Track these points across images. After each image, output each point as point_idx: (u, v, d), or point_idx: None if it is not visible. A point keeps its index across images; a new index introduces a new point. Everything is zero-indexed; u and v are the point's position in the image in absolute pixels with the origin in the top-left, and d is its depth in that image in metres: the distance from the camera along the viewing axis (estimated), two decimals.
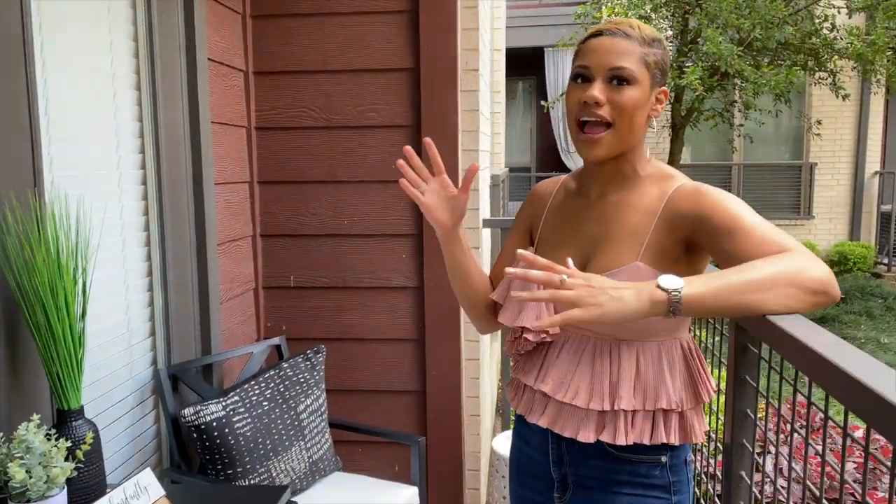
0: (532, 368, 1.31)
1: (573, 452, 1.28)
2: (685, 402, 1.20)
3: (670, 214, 1.20)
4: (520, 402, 1.35)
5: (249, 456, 2.11)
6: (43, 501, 1.40)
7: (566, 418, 1.25)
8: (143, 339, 2.13)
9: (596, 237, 1.26)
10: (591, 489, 1.27)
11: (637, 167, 1.26)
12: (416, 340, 2.82)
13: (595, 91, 1.20)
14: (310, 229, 2.82)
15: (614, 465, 1.24)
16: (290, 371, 2.33)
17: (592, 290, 1.06)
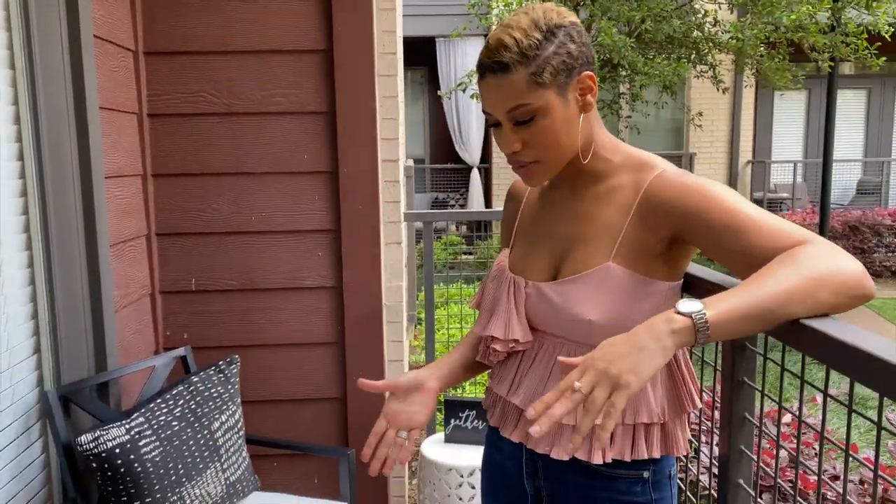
0: (505, 378, 1.20)
1: (548, 466, 1.18)
2: (667, 414, 1.11)
3: (648, 209, 1.10)
4: (493, 413, 1.23)
5: (160, 484, 1.86)
6: None
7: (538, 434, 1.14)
8: (26, 358, 1.84)
9: (568, 237, 1.16)
10: None
11: (602, 160, 1.15)
12: (336, 344, 2.63)
13: (507, 140, 1.10)
14: (213, 226, 2.57)
15: (591, 482, 1.15)
16: (201, 385, 2.10)
17: (608, 368, 0.90)
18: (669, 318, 0.92)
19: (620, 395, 0.88)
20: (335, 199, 2.54)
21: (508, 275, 1.21)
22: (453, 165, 10.83)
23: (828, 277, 0.92)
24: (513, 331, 1.16)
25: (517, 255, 1.23)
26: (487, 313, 1.22)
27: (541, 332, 1.17)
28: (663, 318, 0.92)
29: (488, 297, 1.23)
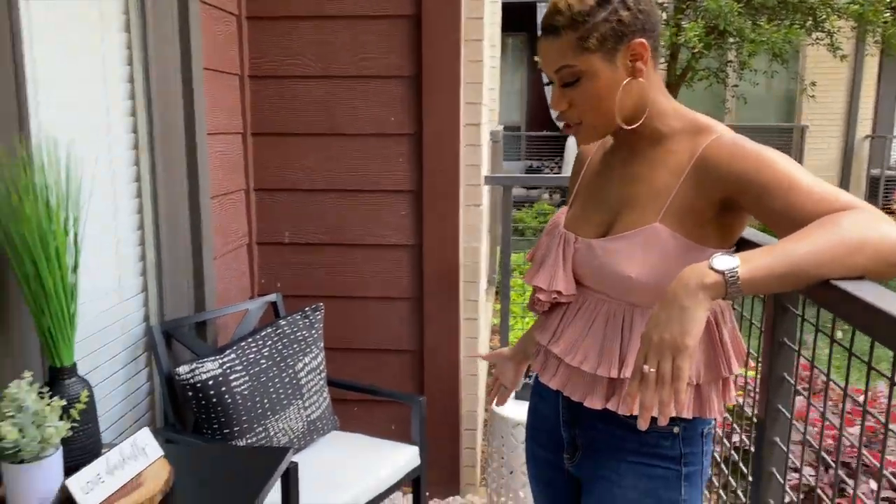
0: (548, 328, 1.27)
1: (582, 416, 1.24)
2: (702, 376, 1.14)
3: (701, 172, 1.12)
4: (536, 359, 1.31)
5: (247, 415, 2.05)
6: (37, 462, 1.33)
7: (576, 382, 1.21)
8: (134, 295, 2.05)
9: (622, 198, 1.20)
10: (598, 453, 1.23)
11: (658, 125, 1.18)
12: (414, 299, 2.76)
13: (555, 100, 1.17)
14: (305, 184, 2.73)
15: (621, 432, 1.20)
16: (287, 329, 2.27)
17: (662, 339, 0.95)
18: (701, 274, 0.95)
19: (682, 359, 0.94)
20: (418, 161, 2.64)
21: (561, 230, 1.26)
22: (549, 133, 10.73)
23: (866, 243, 0.93)
24: (557, 283, 1.21)
25: (573, 213, 1.28)
26: (537, 265, 1.28)
27: (585, 287, 1.22)
28: (696, 274, 0.95)
29: (541, 251, 1.30)
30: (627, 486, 1.18)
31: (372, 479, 2.08)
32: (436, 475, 2.83)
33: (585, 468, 1.25)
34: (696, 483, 1.19)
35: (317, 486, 2.00)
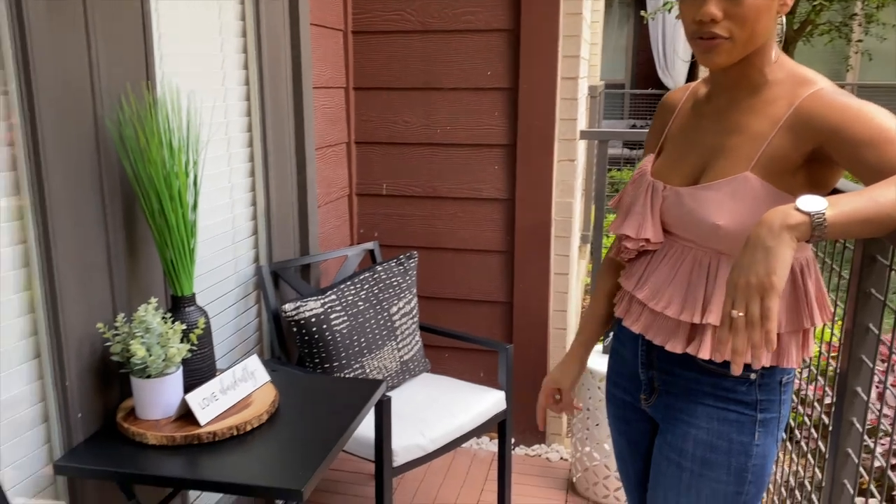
0: (634, 274, 1.30)
1: (661, 358, 1.27)
2: (783, 325, 1.14)
3: (798, 123, 1.11)
4: (620, 305, 1.34)
5: (345, 352, 2.19)
6: (161, 378, 1.50)
7: (658, 327, 1.24)
8: (246, 237, 2.22)
9: (715, 146, 1.19)
10: (674, 395, 1.26)
11: (765, 71, 1.16)
12: (506, 252, 2.82)
13: (710, 7, 1.09)
14: (403, 137, 2.82)
15: (698, 376, 1.22)
16: (383, 274, 2.38)
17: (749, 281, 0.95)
18: (786, 214, 0.95)
19: (770, 299, 0.94)
20: (513, 115, 2.67)
21: (648, 179, 1.28)
22: (654, 91, 10.39)
23: None
24: (645, 231, 1.24)
25: (662, 162, 1.29)
26: (623, 214, 1.30)
27: (672, 235, 1.23)
28: (780, 214, 0.95)
29: (626, 199, 1.31)
30: (701, 427, 1.21)
31: (460, 418, 2.18)
32: (522, 424, 2.91)
33: (661, 409, 1.29)
34: (771, 430, 1.21)
35: (407, 422, 2.12)
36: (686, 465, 1.23)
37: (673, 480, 1.24)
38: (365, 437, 2.07)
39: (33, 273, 1.38)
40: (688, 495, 1.22)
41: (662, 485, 1.27)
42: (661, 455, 1.27)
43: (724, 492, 1.20)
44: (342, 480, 2.70)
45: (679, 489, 1.24)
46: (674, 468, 1.24)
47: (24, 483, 1.40)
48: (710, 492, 1.21)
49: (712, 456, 1.20)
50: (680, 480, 1.23)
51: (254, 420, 1.54)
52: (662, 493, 1.26)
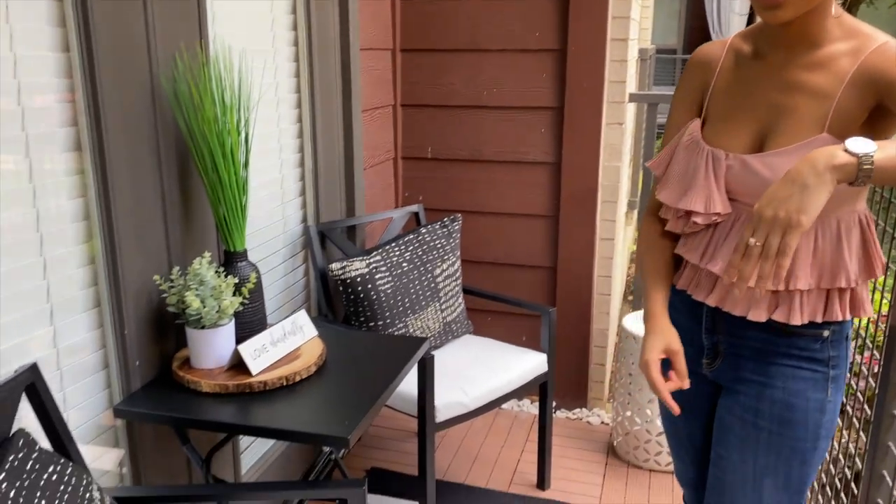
0: (697, 247, 1.25)
1: (730, 323, 1.25)
2: (859, 279, 1.14)
3: (863, 78, 1.08)
4: (681, 277, 1.31)
5: (389, 311, 2.23)
6: (214, 329, 1.56)
7: (735, 298, 1.21)
8: (294, 198, 2.26)
9: (777, 107, 1.16)
10: (743, 358, 1.25)
11: (826, 26, 1.13)
12: (551, 217, 2.81)
13: None
14: (449, 100, 2.82)
15: (772, 337, 1.21)
16: (428, 237, 2.41)
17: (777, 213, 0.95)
18: (833, 154, 0.94)
19: (793, 235, 0.95)
20: (561, 77, 2.65)
21: (705, 147, 1.22)
22: None
23: None
24: (714, 204, 1.19)
25: (713, 127, 1.24)
26: (679, 185, 1.24)
27: (739, 203, 1.19)
28: (826, 154, 0.95)
29: (678, 167, 1.26)
30: (776, 386, 1.20)
31: (501, 378, 2.21)
32: (564, 388, 2.93)
33: (728, 372, 1.27)
34: (840, 386, 1.21)
35: (449, 380, 2.16)
36: (763, 425, 1.22)
37: (749, 441, 1.23)
38: (408, 394, 2.12)
39: (94, 225, 1.44)
40: (767, 455, 1.22)
41: (736, 446, 1.25)
42: (733, 416, 1.26)
43: (803, 449, 1.20)
44: (385, 437, 2.77)
45: (757, 449, 1.23)
46: (749, 428, 1.23)
47: (86, 426, 1.48)
48: (789, 451, 1.21)
49: (790, 415, 1.20)
50: (758, 441, 1.23)
51: (302, 371, 1.59)
52: (737, 454, 1.25)
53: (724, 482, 1.27)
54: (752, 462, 1.23)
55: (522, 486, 2.46)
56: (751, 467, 1.24)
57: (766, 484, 1.23)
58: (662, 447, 2.50)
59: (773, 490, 1.22)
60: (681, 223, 1.27)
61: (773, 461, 1.22)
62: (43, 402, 1.26)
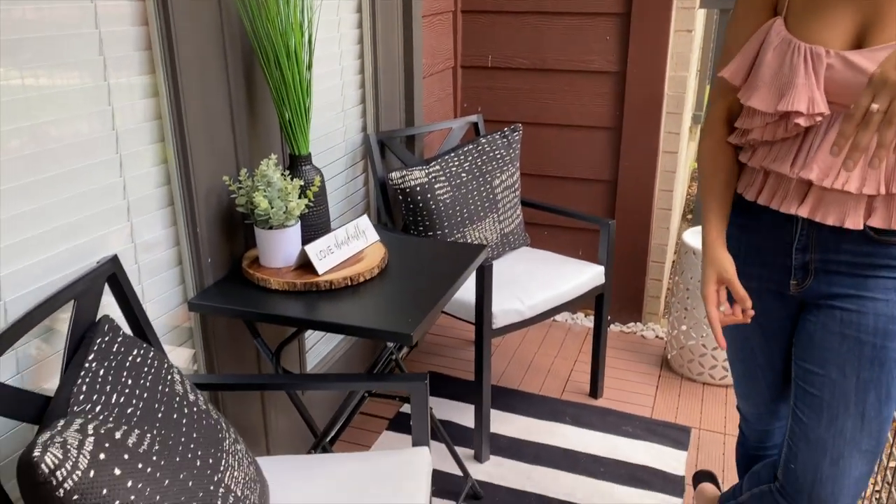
0: (786, 154, 1.18)
1: (824, 238, 1.20)
2: None
3: None
4: (760, 192, 1.25)
5: (448, 221, 2.25)
6: (282, 229, 1.60)
7: (829, 205, 1.15)
8: (354, 105, 2.26)
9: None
10: (837, 274, 1.20)
11: None
12: (613, 129, 2.75)
13: None
14: (510, 6, 2.73)
15: (870, 249, 1.16)
16: (487, 147, 2.39)
17: None
18: None
19: None
20: None
21: (801, 45, 1.14)
22: None
23: None
24: (816, 105, 1.12)
25: (800, 23, 1.15)
26: (773, 88, 1.16)
27: (834, 105, 1.13)
28: None
29: (768, 70, 1.17)
30: (879, 299, 1.17)
31: (558, 288, 2.22)
32: (619, 302, 2.94)
33: (819, 290, 1.23)
34: None
35: (506, 289, 2.18)
36: (867, 339, 1.19)
37: (851, 356, 1.20)
38: (467, 301, 2.15)
39: (165, 125, 1.47)
40: (870, 369, 1.19)
41: (835, 362, 1.22)
42: (831, 333, 1.22)
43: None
44: (443, 344, 2.84)
45: (860, 363, 1.20)
46: (852, 343, 1.20)
47: (162, 318, 1.55)
48: (893, 363, 1.18)
49: (894, 327, 1.17)
50: (861, 355, 1.19)
51: (366, 273, 1.63)
52: (837, 369, 1.21)
53: (823, 399, 1.23)
54: (854, 377, 1.20)
55: (575, 393, 2.51)
56: (853, 383, 1.20)
57: (870, 398, 1.20)
58: (717, 361, 2.50)
59: (877, 402, 1.20)
60: (771, 129, 1.19)
61: (877, 374, 1.19)
62: (124, 292, 1.32)
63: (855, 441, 1.21)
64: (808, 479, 1.25)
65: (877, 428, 1.21)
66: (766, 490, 1.35)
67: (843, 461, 1.22)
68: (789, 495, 1.28)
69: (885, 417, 1.21)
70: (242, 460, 1.22)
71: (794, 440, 1.27)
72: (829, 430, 1.22)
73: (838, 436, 1.22)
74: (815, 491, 1.25)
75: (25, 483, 0.86)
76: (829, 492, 1.23)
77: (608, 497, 2.01)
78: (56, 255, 1.27)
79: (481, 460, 2.15)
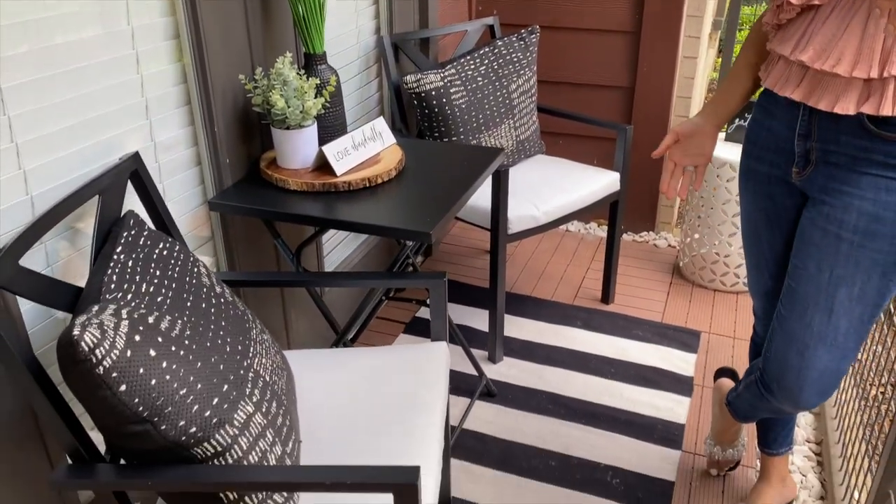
0: (790, 38, 1.19)
1: (825, 127, 1.20)
2: None
3: None
4: (769, 75, 1.26)
5: (463, 127, 2.23)
6: (299, 129, 1.59)
7: (824, 89, 1.16)
8: (368, 6, 2.20)
9: None
10: (835, 166, 1.21)
11: None
12: (632, 33, 2.68)
13: None
14: None
15: (868, 143, 1.16)
16: (504, 49, 2.34)
17: None
18: None
19: None
20: None
21: None
22: None
23: None
24: None
25: None
26: None
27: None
28: None
29: None
30: (866, 197, 1.18)
31: (573, 195, 2.22)
32: (632, 211, 2.94)
33: (817, 181, 1.25)
34: None
35: (521, 196, 2.18)
36: (846, 237, 1.20)
37: (829, 251, 1.22)
38: (482, 207, 2.16)
39: (180, 20, 1.45)
40: (845, 266, 1.21)
41: (815, 256, 1.25)
42: (816, 227, 1.24)
43: (884, 262, 1.19)
44: (457, 253, 2.87)
45: (836, 260, 1.22)
46: (831, 239, 1.22)
47: (183, 217, 1.57)
48: (869, 262, 1.19)
49: (876, 227, 1.18)
50: (838, 251, 1.21)
51: (383, 174, 1.63)
52: (815, 263, 1.24)
53: (798, 292, 1.28)
54: (828, 272, 1.23)
55: (587, 299, 2.55)
56: (827, 277, 1.23)
57: (840, 293, 1.23)
58: (729, 268, 2.52)
59: (847, 300, 1.23)
60: (775, 13, 1.22)
61: (851, 272, 1.21)
62: (146, 189, 1.34)
63: (822, 335, 1.26)
64: (777, 368, 1.32)
65: (845, 325, 1.24)
66: (752, 380, 1.45)
67: (808, 352, 1.27)
68: (765, 384, 1.37)
69: (857, 317, 1.24)
70: (269, 349, 1.26)
71: (773, 331, 1.34)
72: (800, 321, 1.27)
73: (806, 328, 1.27)
74: (782, 380, 1.32)
75: (66, 361, 0.90)
76: (794, 381, 1.30)
77: (617, 395, 2.07)
78: (79, 152, 1.28)
79: (495, 361, 2.21)
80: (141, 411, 0.93)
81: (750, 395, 1.47)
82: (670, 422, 1.97)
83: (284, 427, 1.15)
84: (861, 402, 1.75)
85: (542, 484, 1.77)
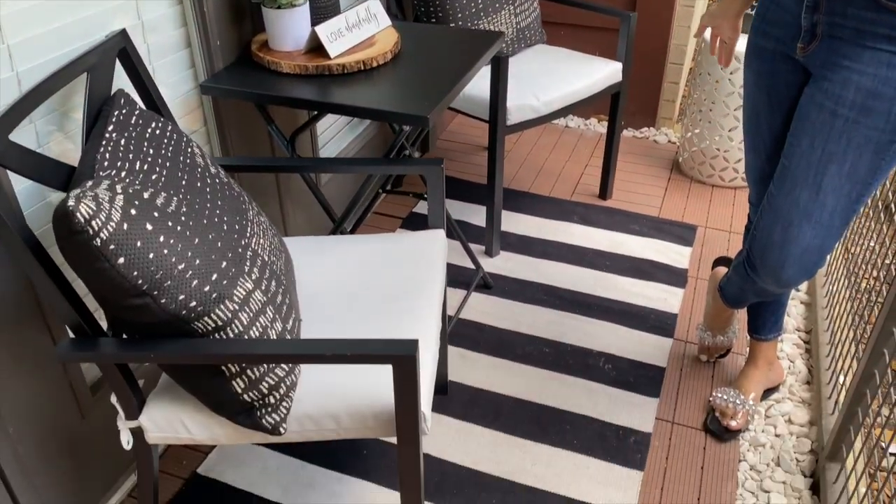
0: None
1: (832, 1, 1.17)
2: None
3: None
4: None
5: (462, 12, 2.15)
6: (291, 9, 1.54)
7: None
8: None
9: None
10: (839, 40, 1.18)
11: None
12: None
13: None
14: None
15: (875, 16, 1.13)
16: None
17: None
18: None
19: None
20: None
21: None
22: None
23: None
24: None
25: None
26: None
27: None
28: None
29: None
30: (866, 72, 1.15)
31: (574, 85, 2.17)
32: (633, 106, 2.89)
33: (820, 56, 1.22)
34: None
35: (521, 86, 2.14)
36: (841, 113, 1.19)
37: (823, 127, 1.21)
38: (480, 98, 2.12)
39: None
40: (837, 142, 1.20)
41: (809, 132, 1.23)
42: (813, 103, 1.23)
43: (878, 140, 1.17)
44: (454, 150, 2.84)
45: (829, 136, 1.21)
46: (826, 115, 1.20)
47: (175, 101, 1.54)
48: (862, 139, 1.18)
49: (873, 103, 1.16)
50: (832, 127, 1.20)
51: (379, 57, 1.59)
52: (808, 140, 1.23)
53: (789, 169, 1.27)
54: (820, 149, 1.22)
55: (585, 195, 2.54)
56: (818, 154, 1.23)
57: (830, 170, 1.22)
58: (728, 163, 2.50)
59: (837, 177, 1.22)
60: None
61: (843, 148, 1.20)
62: (136, 68, 1.30)
63: (807, 211, 1.26)
64: (762, 245, 1.33)
65: (832, 202, 1.24)
66: (740, 261, 1.47)
67: (793, 228, 1.28)
68: (750, 263, 1.39)
69: (846, 195, 1.24)
70: (267, 231, 1.26)
71: (762, 211, 1.34)
72: (787, 198, 1.28)
73: (793, 204, 1.27)
74: (765, 256, 1.33)
75: (63, 233, 0.90)
76: (777, 257, 1.31)
77: (612, 287, 2.10)
78: (63, 28, 1.23)
79: (492, 255, 2.23)
80: (140, 284, 0.94)
81: (737, 276, 1.50)
82: (663, 311, 2.01)
83: (284, 305, 1.16)
84: (852, 291, 1.77)
85: (536, 369, 1.82)
